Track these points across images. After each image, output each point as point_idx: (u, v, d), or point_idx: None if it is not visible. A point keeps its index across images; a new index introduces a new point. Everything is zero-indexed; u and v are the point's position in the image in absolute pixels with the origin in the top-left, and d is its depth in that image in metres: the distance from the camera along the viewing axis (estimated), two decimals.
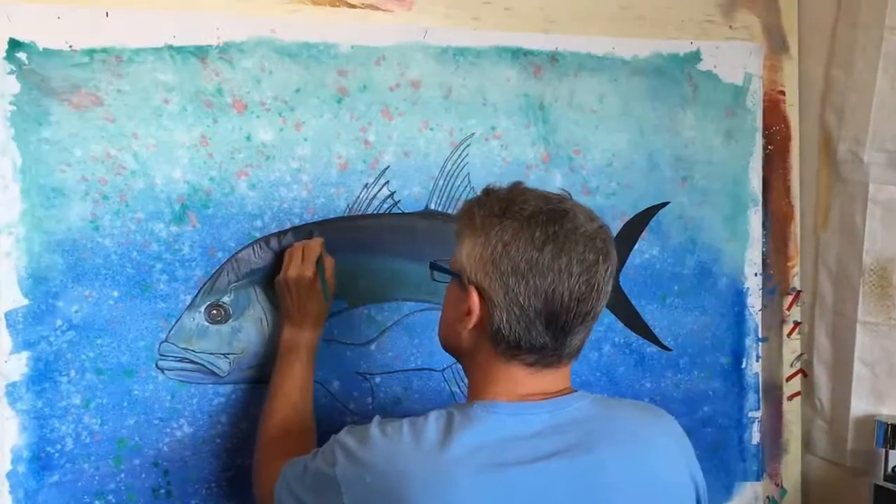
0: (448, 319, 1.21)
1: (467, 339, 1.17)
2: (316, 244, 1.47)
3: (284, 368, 1.42)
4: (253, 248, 1.50)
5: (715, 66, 1.84)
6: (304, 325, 1.45)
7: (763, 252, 1.92)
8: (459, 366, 1.25)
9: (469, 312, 1.14)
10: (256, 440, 1.39)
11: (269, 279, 1.50)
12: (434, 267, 1.24)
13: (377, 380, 1.60)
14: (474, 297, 1.13)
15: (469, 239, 1.14)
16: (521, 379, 1.15)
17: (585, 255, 1.11)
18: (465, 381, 1.23)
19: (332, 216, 1.55)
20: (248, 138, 1.49)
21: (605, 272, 1.13)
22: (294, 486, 1.17)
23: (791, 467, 1.98)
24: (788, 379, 1.96)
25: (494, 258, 1.11)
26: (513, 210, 1.12)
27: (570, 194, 1.21)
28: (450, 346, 1.23)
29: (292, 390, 1.40)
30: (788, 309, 1.96)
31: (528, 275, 1.09)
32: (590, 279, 1.11)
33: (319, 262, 1.46)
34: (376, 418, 1.13)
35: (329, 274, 1.47)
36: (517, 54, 1.67)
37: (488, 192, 1.18)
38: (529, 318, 1.11)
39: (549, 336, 1.12)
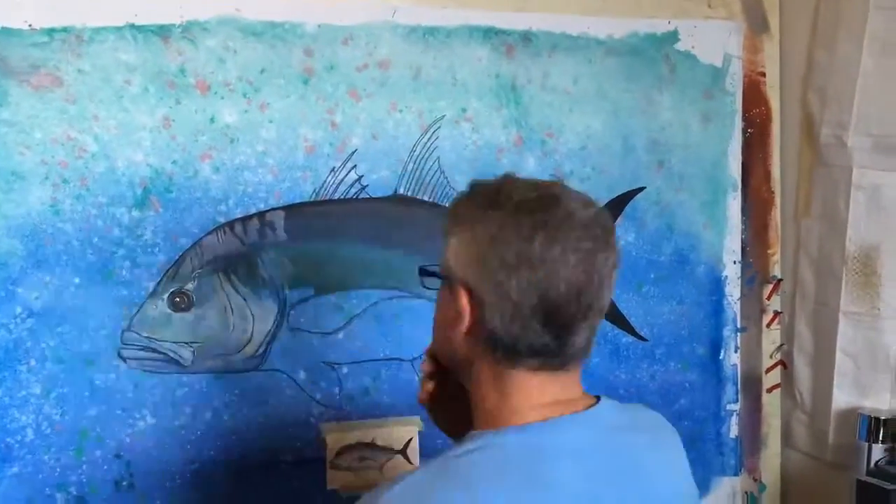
0: (440, 328, 1.18)
1: (462, 347, 1.13)
2: None
3: None
4: (217, 234, 1.59)
5: (693, 47, 1.93)
6: None
7: (742, 239, 2.02)
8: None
9: (459, 315, 1.11)
10: None
11: (234, 266, 1.59)
12: (423, 272, 1.22)
13: (345, 370, 1.69)
14: (463, 298, 1.10)
15: (455, 236, 1.12)
16: (525, 389, 1.11)
17: (581, 243, 1.08)
18: None
19: (298, 201, 1.64)
20: (212, 120, 1.58)
21: (605, 261, 1.10)
22: None
23: (770, 462, 2.08)
24: (768, 370, 2.06)
25: (482, 253, 1.08)
26: (499, 201, 1.10)
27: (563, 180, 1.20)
28: (446, 358, 1.20)
29: None
30: (768, 298, 2.06)
31: (520, 268, 1.06)
32: (588, 269, 1.08)
33: None
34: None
35: None
36: (489, 33, 1.76)
37: (474, 185, 1.17)
38: (524, 315, 1.07)
39: (548, 335, 1.09)
